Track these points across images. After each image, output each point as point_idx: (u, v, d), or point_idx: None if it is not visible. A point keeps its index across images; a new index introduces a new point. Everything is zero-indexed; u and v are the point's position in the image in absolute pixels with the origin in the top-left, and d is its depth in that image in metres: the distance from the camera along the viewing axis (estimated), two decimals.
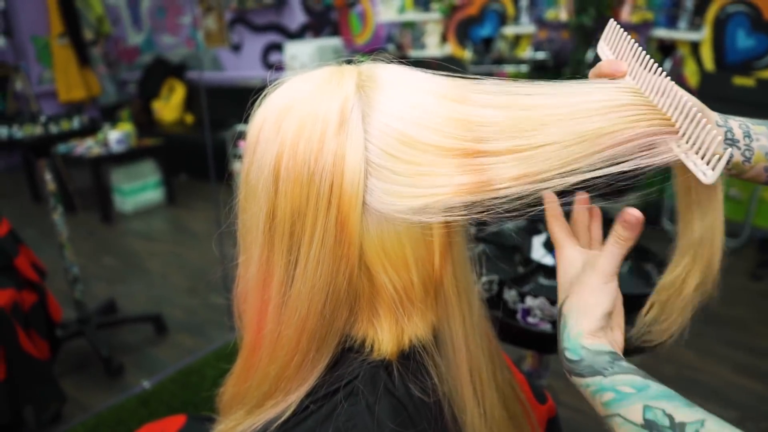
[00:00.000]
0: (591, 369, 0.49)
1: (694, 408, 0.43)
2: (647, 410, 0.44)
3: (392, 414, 0.52)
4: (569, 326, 0.53)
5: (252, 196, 0.54)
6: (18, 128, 2.33)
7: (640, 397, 0.45)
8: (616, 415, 0.46)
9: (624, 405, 0.46)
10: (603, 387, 0.47)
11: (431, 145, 0.50)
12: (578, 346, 0.51)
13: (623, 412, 0.46)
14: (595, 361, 0.49)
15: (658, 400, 0.44)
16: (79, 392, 2.15)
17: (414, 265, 0.53)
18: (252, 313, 0.57)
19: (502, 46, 3.90)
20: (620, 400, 0.46)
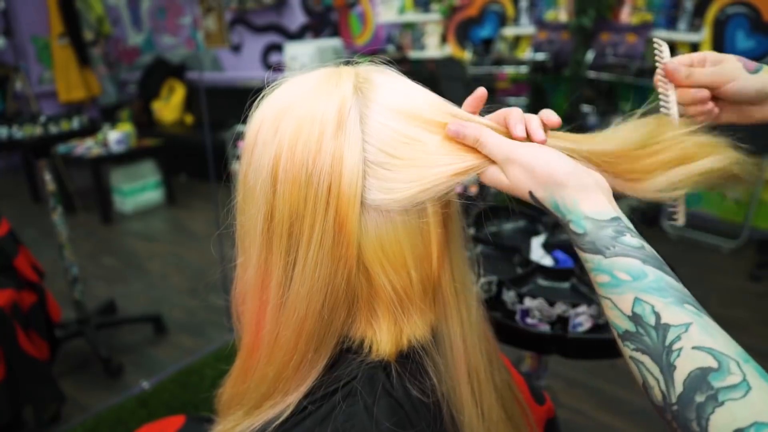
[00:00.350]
0: (593, 246, 0.47)
1: (684, 307, 0.42)
2: (637, 303, 0.44)
3: (390, 414, 0.52)
4: (559, 198, 0.49)
5: (250, 197, 0.54)
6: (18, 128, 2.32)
7: (633, 287, 0.44)
8: (607, 299, 0.46)
9: (616, 292, 0.45)
10: (601, 268, 0.46)
11: (428, 139, 0.51)
12: (580, 215, 0.48)
13: (615, 299, 0.45)
14: (598, 236, 0.47)
15: (651, 293, 0.43)
16: (78, 392, 2.15)
17: (412, 265, 0.53)
18: (250, 314, 0.57)
19: (502, 47, 3.90)
20: (614, 286, 0.45)
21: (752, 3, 3.00)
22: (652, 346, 0.42)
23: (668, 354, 0.41)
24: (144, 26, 6.36)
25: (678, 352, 0.41)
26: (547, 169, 0.49)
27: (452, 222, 0.58)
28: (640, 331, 0.43)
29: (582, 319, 1.05)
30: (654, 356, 0.42)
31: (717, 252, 3.14)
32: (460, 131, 0.52)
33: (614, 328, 0.46)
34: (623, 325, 0.44)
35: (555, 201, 0.49)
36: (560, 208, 0.49)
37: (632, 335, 0.43)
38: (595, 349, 1.08)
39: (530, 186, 0.50)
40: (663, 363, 0.41)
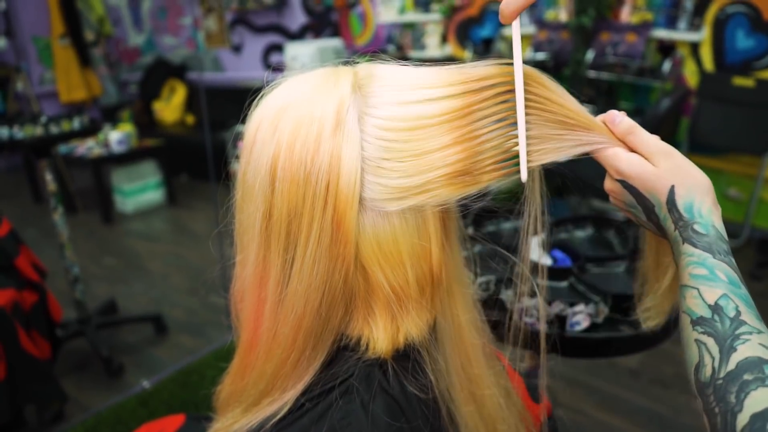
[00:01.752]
0: (707, 246, 0.50)
1: (762, 324, 0.45)
2: (724, 297, 0.46)
3: (387, 412, 0.52)
4: (697, 203, 0.52)
5: (249, 196, 0.54)
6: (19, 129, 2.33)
7: (727, 287, 0.47)
8: (695, 288, 0.48)
9: (708, 284, 0.47)
10: (704, 263, 0.49)
11: (428, 138, 0.51)
12: (710, 223, 0.51)
13: (703, 289, 0.47)
14: (715, 242, 0.50)
15: (740, 299, 0.46)
16: (79, 392, 2.15)
17: (409, 263, 0.53)
18: (249, 311, 0.58)
19: (503, 46, 3.90)
20: (709, 280, 0.48)
21: (752, 2, 3.01)
22: (721, 331, 0.45)
23: (734, 339, 0.44)
24: (145, 27, 6.37)
25: (744, 341, 0.43)
26: (698, 175, 0.53)
27: (450, 220, 0.58)
28: (715, 318, 0.46)
29: (579, 318, 1.05)
30: (719, 339, 0.44)
31: None
32: (618, 118, 0.56)
33: (688, 313, 0.48)
34: (700, 312, 0.47)
35: (693, 203, 0.52)
36: (693, 210, 0.52)
37: (705, 321, 0.46)
38: (592, 347, 1.08)
39: (675, 181, 0.53)
40: (726, 345, 0.44)
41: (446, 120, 0.51)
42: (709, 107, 3.11)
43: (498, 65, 0.54)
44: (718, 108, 3.08)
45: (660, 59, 3.25)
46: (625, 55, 3.26)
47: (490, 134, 0.52)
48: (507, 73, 0.53)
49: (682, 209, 0.52)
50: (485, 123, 0.52)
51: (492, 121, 0.52)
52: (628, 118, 0.56)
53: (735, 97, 3.01)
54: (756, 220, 3.20)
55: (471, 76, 0.52)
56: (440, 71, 0.54)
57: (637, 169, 0.55)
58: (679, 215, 0.52)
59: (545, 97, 0.54)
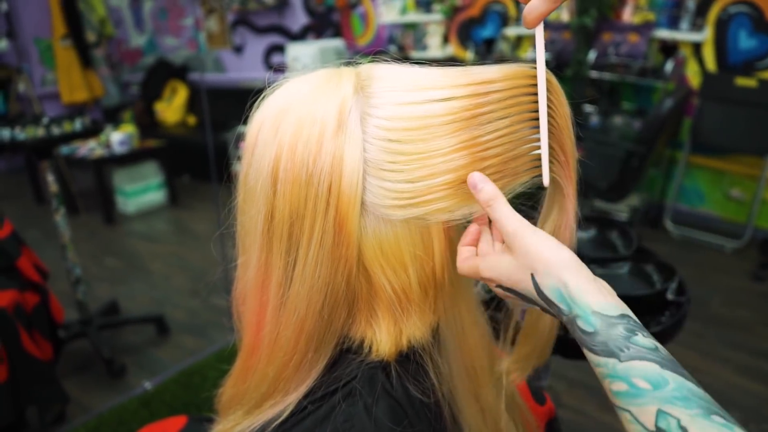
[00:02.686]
0: (605, 348, 0.43)
1: (712, 420, 0.38)
2: (661, 416, 0.39)
3: (390, 414, 0.52)
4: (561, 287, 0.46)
5: (251, 197, 0.54)
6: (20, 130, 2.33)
7: (655, 398, 0.40)
8: (626, 411, 0.41)
9: (636, 403, 0.41)
10: (616, 374, 0.42)
11: (430, 139, 0.50)
12: (588, 311, 0.44)
13: (635, 411, 0.41)
14: (609, 336, 0.43)
15: (675, 404, 0.39)
16: (81, 393, 2.15)
17: (412, 266, 0.53)
18: (251, 314, 0.57)
19: (504, 47, 3.90)
20: (633, 396, 0.41)
21: (755, 2, 3.00)
22: None
23: None
24: (146, 28, 6.37)
25: None
26: (546, 250, 0.47)
27: None
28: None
29: None
30: None
31: (720, 252, 3.13)
32: (478, 185, 0.50)
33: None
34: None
35: (558, 288, 0.46)
36: (564, 296, 0.46)
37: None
38: None
39: (533, 268, 0.47)
40: None
41: (450, 121, 0.50)
42: (712, 108, 3.10)
43: (505, 68, 0.52)
44: (721, 108, 3.07)
45: (662, 59, 3.25)
46: (627, 55, 3.26)
47: (497, 141, 0.51)
48: (514, 77, 0.52)
49: (555, 299, 0.46)
50: (491, 128, 0.51)
51: (498, 126, 0.51)
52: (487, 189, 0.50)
53: (737, 98, 3.00)
54: (759, 221, 3.19)
55: (477, 79, 0.51)
56: (445, 71, 0.53)
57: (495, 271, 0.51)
58: (557, 308, 0.46)
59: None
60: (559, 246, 0.48)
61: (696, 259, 3.05)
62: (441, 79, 0.52)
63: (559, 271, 0.46)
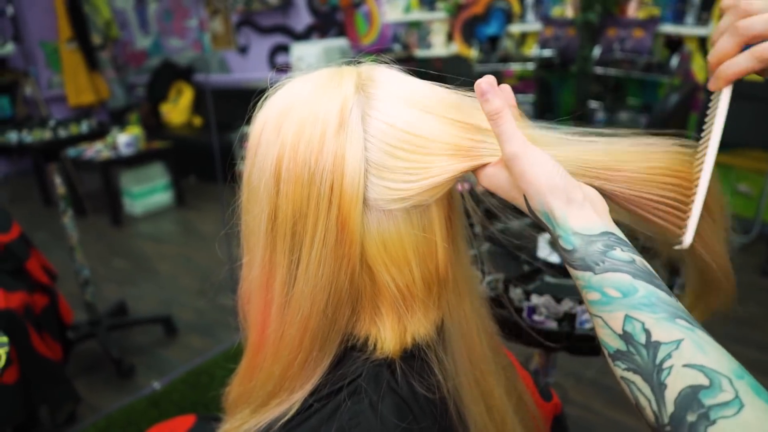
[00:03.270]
0: (582, 262, 0.45)
1: (675, 323, 0.41)
2: (627, 321, 0.42)
3: (395, 412, 0.52)
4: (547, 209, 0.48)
5: (254, 197, 0.55)
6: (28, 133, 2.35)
7: (624, 305, 0.43)
8: (599, 317, 0.44)
9: (607, 310, 0.44)
10: (591, 285, 0.45)
11: (430, 138, 0.52)
12: (569, 230, 0.47)
13: (605, 317, 0.44)
14: (587, 252, 0.45)
15: (641, 309, 0.42)
16: (90, 393, 2.17)
17: (415, 262, 0.53)
18: (256, 313, 0.58)
19: (508, 44, 3.89)
20: (604, 304, 0.44)
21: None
22: (642, 365, 0.41)
23: (659, 373, 0.40)
24: (151, 29, 6.39)
25: (668, 371, 0.40)
26: (538, 176, 0.48)
27: (456, 218, 0.58)
28: (630, 350, 0.42)
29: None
30: (645, 376, 0.41)
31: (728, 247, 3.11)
32: (487, 94, 0.50)
33: (605, 347, 0.44)
34: (614, 344, 0.43)
35: (545, 212, 0.48)
36: (550, 219, 0.48)
37: (623, 354, 0.42)
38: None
39: (525, 190, 0.49)
40: (654, 382, 0.40)
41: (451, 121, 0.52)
42: None
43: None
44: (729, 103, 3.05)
45: (668, 54, 3.23)
46: (632, 50, 3.25)
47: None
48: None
49: (544, 221, 0.49)
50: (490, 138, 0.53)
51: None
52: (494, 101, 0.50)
53: (744, 92, 2.98)
54: (767, 216, 3.17)
55: (468, 120, 0.53)
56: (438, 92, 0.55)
57: (494, 184, 0.52)
58: (546, 226, 0.49)
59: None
60: (551, 171, 0.48)
61: None
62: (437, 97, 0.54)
63: (546, 196, 0.48)
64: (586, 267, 0.45)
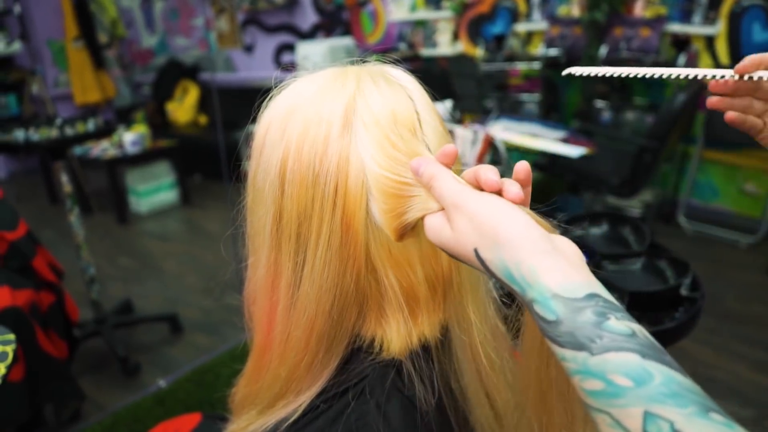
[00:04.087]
0: (572, 339, 0.35)
1: (710, 419, 0.31)
2: (649, 419, 0.32)
3: (402, 412, 0.52)
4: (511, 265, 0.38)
5: (259, 198, 0.54)
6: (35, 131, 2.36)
7: (640, 396, 0.32)
8: (605, 414, 0.34)
9: (616, 404, 0.33)
10: (588, 371, 0.34)
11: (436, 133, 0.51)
12: (547, 295, 0.36)
13: (615, 413, 0.33)
14: (576, 324, 0.35)
15: (665, 403, 0.32)
16: (96, 391, 2.17)
17: (420, 264, 0.53)
18: (261, 314, 0.58)
19: (514, 43, 3.88)
20: (612, 396, 0.33)
21: None
22: None
23: None
24: (157, 28, 6.41)
25: None
26: (495, 221, 0.39)
27: None
28: None
29: None
30: None
31: (734, 247, 3.10)
32: (420, 168, 0.45)
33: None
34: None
35: (507, 267, 0.38)
36: (516, 278, 0.38)
37: None
38: None
39: (475, 242, 0.40)
40: None
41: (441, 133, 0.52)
42: None
43: None
44: None
45: (674, 54, 3.21)
46: (638, 50, 3.23)
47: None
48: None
49: (505, 279, 0.38)
50: None
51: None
52: (432, 166, 0.44)
53: None
54: None
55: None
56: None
57: (436, 236, 0.44)
58: (510, 288, 0.39)
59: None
60: (509, 211, 0.40)
61: (710, 255, 3.02)
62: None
63: (508, 244, 0.38)
64: (579, 346, 0.35)
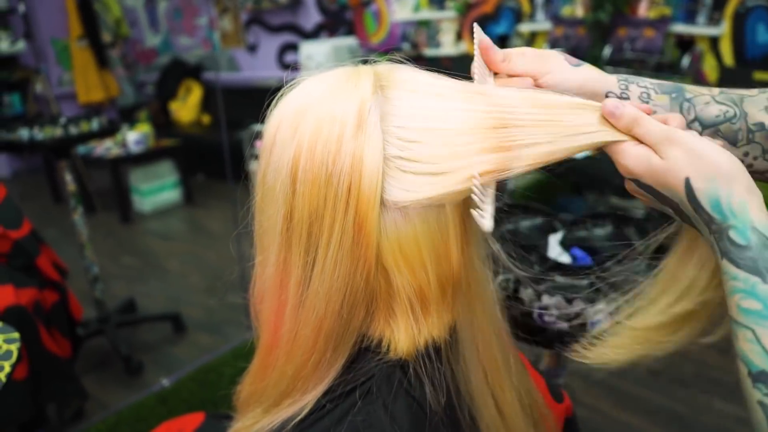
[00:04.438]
0: (752, 265, 0.40)
1: None
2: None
3: (408, 413, 0.52)
4: (724, 195, 0.43)
5: (269, 197, 0.54)
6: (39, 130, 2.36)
7: None
8: (748, 329, 0.40)
9: (763, 324, 0.39)
10: (754, 293, 0.40)
11: (453, 137, 0.50)
12: (748, 224, 0.42)
13: (759, 332, 0.39)
14: (762, 255, 0.40)
15: None
16: (99, 390, 2.18)
17: (430, 265, 0.53)
18: (269, 312, 0.57)
19: (518, 43, 3.88)
20: (764, 317, 0.39)
21: None
22: None
23: None
24: (161, 27, 6.42)
25: None
26: (717, 158, 0.44)
27: (470, 219, 0.57)
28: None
29: (600, 317, 1.04)
30: None
31: None
32: (618, 111, 0.49)
33: (744, 362, 0.40)
34: (760, 364, 0.39)
35: (718, 197, 0.43)
36: (722, 207, 0.43)
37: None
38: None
39: (690, 173, 0.45)
40: None
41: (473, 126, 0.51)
42: None
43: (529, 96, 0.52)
44: None
45: (679, 54, 3.21)
46: (643, 50, 3.23)
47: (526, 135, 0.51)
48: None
49: (709, 207, 0.44)
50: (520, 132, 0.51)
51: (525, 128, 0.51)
52: (630, 109, 0.49)
53: None
54: None
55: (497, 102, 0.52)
56: (466, 90, 0.53)
57: (643, 164, 0.48)
58: (708, 215, 0.44)
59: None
60: (725, 152, 0.45)
61: None
62: (461, 95, 0.53)
63: (729, 178, 0.44)
64: (755, 271, 0.41)
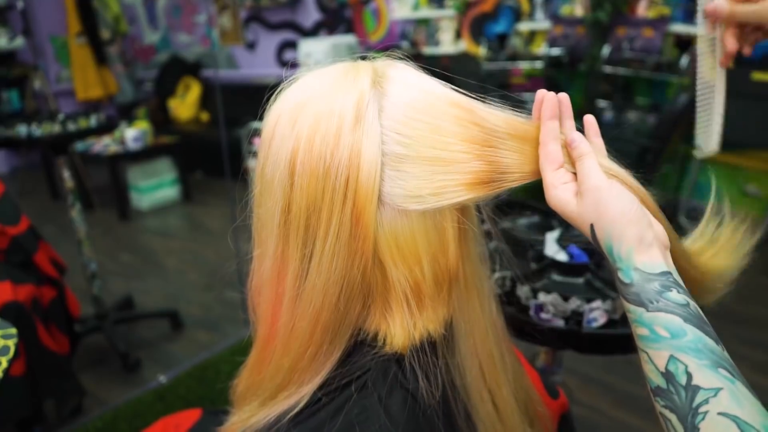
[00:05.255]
0: (637, 298, 0.48)
1: (717, 372, 0.43)
2: (671, 361, 0.44)
3: (403, 407, 0.52)
4: (615, 243, 0.50)
5: (267, 190, 0.54)
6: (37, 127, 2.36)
7: (670, 345, 0.45)
8: (644, 352, 0.47)
9: (653, 347, 0.46)
10: (641, 321, 0.47)
11: (448, 137, 0.51)
12: (630, 266, 0.49)
13: (651, 353, 0.46)
14: (643, 289, 0.47)
15: (687, 353, 0.44)
16: (97, 387, 2.18)
17: (426, 260, 0.53)
18: (266, 305, 0.58)
19: (517, 42, 3.88)
20: (652, 341, 0.46)
21: None
22: (680, 405, 0.43)
23: (694, 416, 0.42)
24: (160, 24, 6.41)
25: (703, 416, 0.41)
26: (616, 208, 0.50)
27: (467, 216, 0.58)
28: (670, 389, 0.44)
29: (596, 315, 1.04)
30: (680, 416, 0.43)
31: None
32: (575, 143, 0.54)
33: (648, 381, 0.47)
34: (656, 381, 0.45)
35: (611, 245, 0.50)
36: (613, 253, 0.50)
37: (663, 392, 0.44)
38: (609, 344, 1.07)
39: (594, 220, 0.51)
40: (688, 424, 0.42)
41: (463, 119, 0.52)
42: (728, 102, 3.06)
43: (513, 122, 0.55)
44: (737, 103, 3.02)
45: (677, 54, 3.21)
46: (641, 50, 3.23)
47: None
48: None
49: (605, 252, 0.51)
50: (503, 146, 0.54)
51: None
52: (584, 144, 0.54)
53: (754, 92, 2.96)
54: None
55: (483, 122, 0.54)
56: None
57: (559, 207, 0.54)
58: (606, 257, 0.51)
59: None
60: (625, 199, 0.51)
61: None
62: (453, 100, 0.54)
63: (621, 227, 0.49)
64: (640, 303, 0.47)
